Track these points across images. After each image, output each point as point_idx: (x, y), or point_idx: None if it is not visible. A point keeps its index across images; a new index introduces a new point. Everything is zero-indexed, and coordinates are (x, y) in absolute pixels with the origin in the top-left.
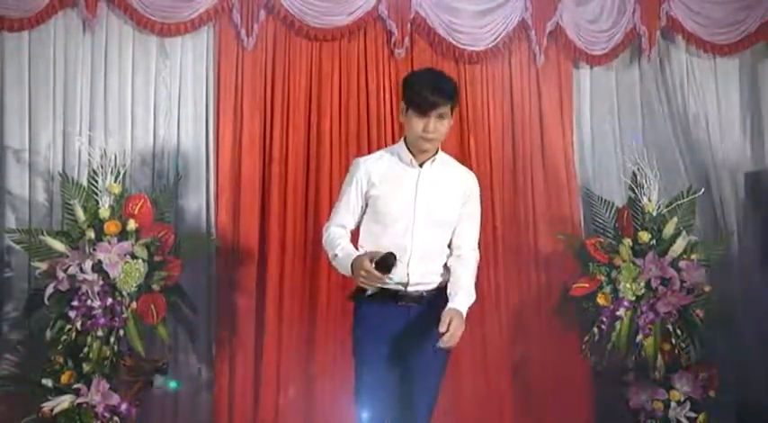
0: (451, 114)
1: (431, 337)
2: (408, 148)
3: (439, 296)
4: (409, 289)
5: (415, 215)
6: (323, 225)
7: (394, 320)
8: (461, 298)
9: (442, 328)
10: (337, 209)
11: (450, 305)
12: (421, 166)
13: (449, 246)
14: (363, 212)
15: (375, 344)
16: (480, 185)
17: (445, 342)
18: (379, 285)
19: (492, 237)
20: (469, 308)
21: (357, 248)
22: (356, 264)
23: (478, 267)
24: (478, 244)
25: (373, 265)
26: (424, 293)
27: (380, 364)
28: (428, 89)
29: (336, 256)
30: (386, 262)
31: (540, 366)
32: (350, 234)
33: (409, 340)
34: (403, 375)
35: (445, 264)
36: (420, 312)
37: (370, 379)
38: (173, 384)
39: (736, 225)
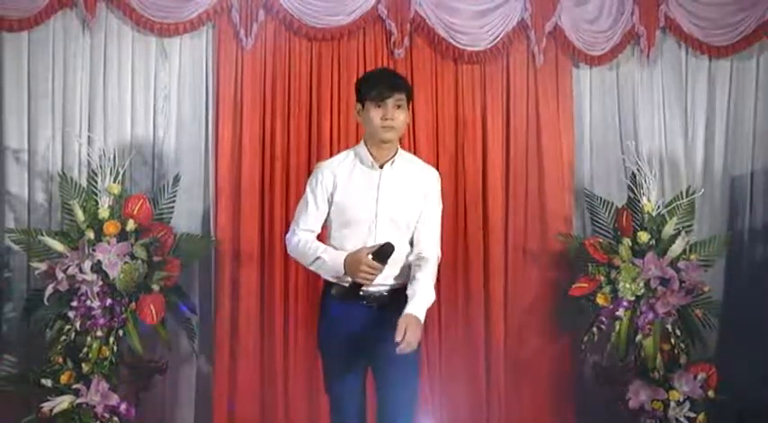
0: (407, 108)
1: (394, 333)
2: (369, 150)
3: (400, 295)
4: (371, 288)
5: (377, 217)
6: None
7: (356, 318)
8: (418, 301)
9: (398, 338)
10: (302, 213)
11: (406, 310)
12: (381, 167)
13: (410, 244)
14: (328, 215)
15: (338, 339)
16: (476, 186)
17: (402, 349)
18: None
19: (489, 237)
20: (428, 309)
21: None
22: (353, 260)
23: (437, 267)
24: (477, 243)
25: (371, 257)
26: (385, 292)
27: (344, 358)
28: (383, 79)
29: (320, 258)
30: (383, 251)
31: (540, 366)
32: (316, 236)
33: (373, 337)
34: (376, 373)
35: (408, 263)
36: (383, 310)
37: (335, 372)
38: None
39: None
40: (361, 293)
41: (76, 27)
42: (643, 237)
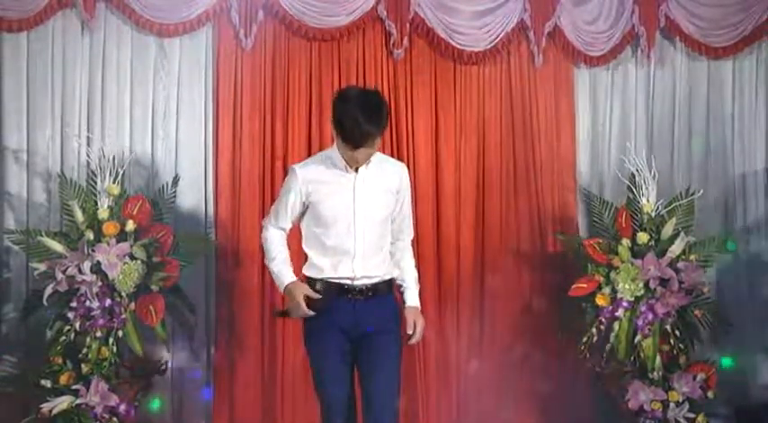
0: (381, 134)
1: (379, 326)
2: (342, 156)
3: (383, 287)
4: (356, 283)
5: (356, 216)
6: None
7: (341, 312)
8: (413, 291)
9: (409, 331)
10: (276, 212)
11: (408, 303)
12: (356, 170)
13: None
14: (301, 215)
15: (325, 335)
16: (475, 186)
17: (414, 341)
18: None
19: (488, 237)
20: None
21: (302, 248)
22: (292, 291)
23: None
24: (477, 244)
25: (304, 300)
26: (369, 286)
27: (331, 353)
28: (357, 129)
29: (272, 265)
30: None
31: (539, 367)
32: (287, 232)
33: (358, 331)
34: (360, 366)
35: (387, 255)
36: (367, 304)
37: (323, 369)
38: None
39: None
40: (345, 288)
41: (76, 27)
42: (642, 237)
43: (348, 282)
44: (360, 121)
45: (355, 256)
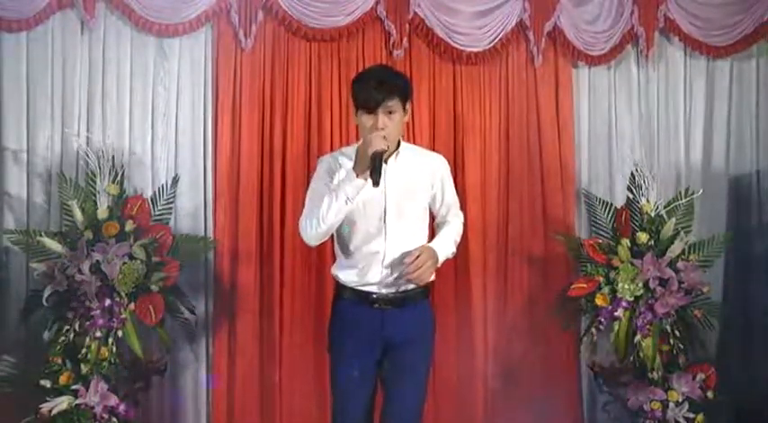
0: (404, 110)
1: (409, 337)
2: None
3: (414, 295)
4: (383, 290)
5: (387, 212)
6: None
7: (368, 322)
8: (438, 240)
9: (408, 259)
10: (315, 200)
11: (424, 244)
12: (385, 162)
13: (432, 222)
14: None
15: (350, 343)
16: (475, 187)
17: (409, 272)
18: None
19: (489, 238)
20: (446, 258)
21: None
22: (360, 147)
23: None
24: (477, 244)
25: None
26: (399, 293)
27: (355, 362)
28: (373, 85)
29: (337, 185)
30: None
31: (539, 367)
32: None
33: (386, 342)
34: (384, 378)
35: None
36: (396, 314)
37: (344, 377)
38: None
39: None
40: (373, 297)
41: (75, 27)
42: (642, 237)
43: (375, 290)
44: (377, 73)
45: (385, 258)
